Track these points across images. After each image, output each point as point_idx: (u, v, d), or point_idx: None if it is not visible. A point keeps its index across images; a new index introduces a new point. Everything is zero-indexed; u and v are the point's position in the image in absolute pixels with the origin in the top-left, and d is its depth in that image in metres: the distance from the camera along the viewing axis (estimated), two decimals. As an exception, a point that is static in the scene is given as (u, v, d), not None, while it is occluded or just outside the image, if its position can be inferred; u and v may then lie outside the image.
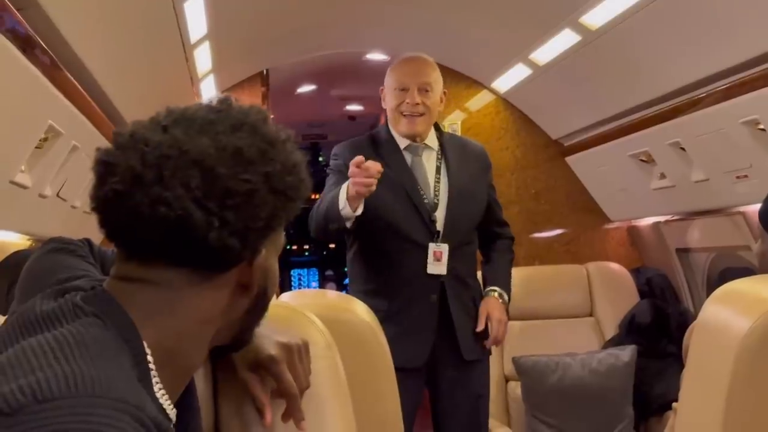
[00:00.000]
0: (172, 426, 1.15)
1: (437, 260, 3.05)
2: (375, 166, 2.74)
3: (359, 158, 2.74)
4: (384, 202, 3.01)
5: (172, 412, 1.15)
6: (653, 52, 3.63)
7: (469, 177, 3.22)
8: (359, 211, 2.82)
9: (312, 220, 3.05)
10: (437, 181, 3.17)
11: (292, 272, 9.61)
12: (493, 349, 3.51)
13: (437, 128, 3.29)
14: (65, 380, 0.95)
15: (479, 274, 3.36)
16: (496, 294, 3.16)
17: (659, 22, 3.29)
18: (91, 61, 2.88)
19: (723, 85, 3.26)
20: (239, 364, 1.43)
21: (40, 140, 2.69)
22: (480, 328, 3.07)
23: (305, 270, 10.24)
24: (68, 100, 2.75)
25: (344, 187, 2.81)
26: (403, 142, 3.17)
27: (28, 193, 2.77)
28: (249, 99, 5.24)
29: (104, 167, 1.11)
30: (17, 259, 2.25)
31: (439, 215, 3.11)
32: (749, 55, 3.00)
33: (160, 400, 1.12)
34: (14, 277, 1.61)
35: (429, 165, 3.19)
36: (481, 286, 3.30)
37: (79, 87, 2.86)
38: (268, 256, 1.21)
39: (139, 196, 1.07)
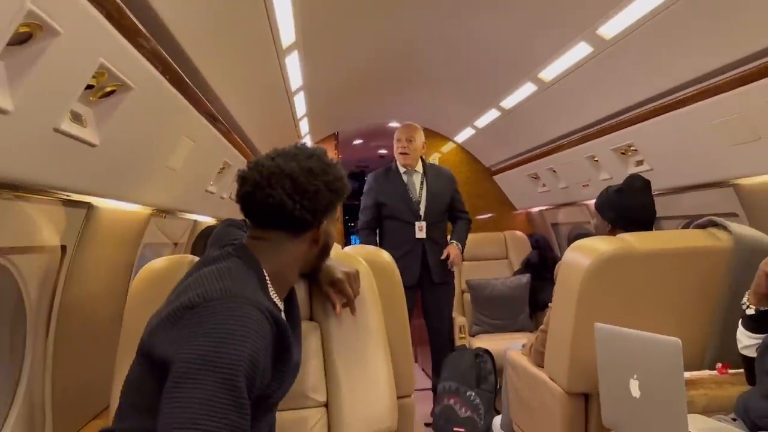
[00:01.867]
0: (281, 312, 1.33)
1: (420, 230, 3.59)
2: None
3: None
4: (393, 202, 3.62)
5: (280, 304, 1.32)
6: (543, 119, 4.00)
7: (438, 187, 3.70)
8: None
9: (360, 235, 3.70)
10: (421, 189, 3.70)
11: (351, 238, 10.23)
12: (456, 275, 4.03)
13: (423, 162, 3.75)
14: (220, 290, 1.14)
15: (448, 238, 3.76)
16: (454, 243, 3.67)
17: (548, 99, 3.61)
18: (245, 123, 3.27)
19: (577, 135, 3.65)
20: (323, 282, 1.58)
21: (220, 169, 3.10)
22: (443, 257, 3.59)
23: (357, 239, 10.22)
24: (234, 148, 3.15)
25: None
26: (402, 169, 3.72)
27: (214, 196, 3.19)
28: (328, 148, 5.29)
29: (241, 179, 1.28)
30: (209, 230, 2.17)
31: (421, 206, 3.65)
32: (597, 116, 3.35)
33: (274, 299, 1.28)
34: (207, 239, 1.79)
35: (417, 181, 3.71)
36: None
37: (239, 139, 3.24)
38: (328, 225, 1.36)
39: (259, 193, 1.25)
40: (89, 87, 1.41)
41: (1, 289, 1.71)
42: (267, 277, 1.28)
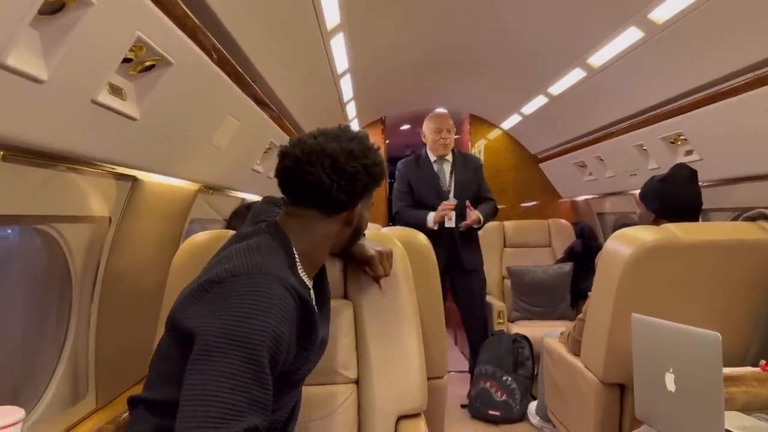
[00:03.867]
0: (310, 290, 1.33)
1: (449, 219, 3.56)
2: (449, 205, 3.42)
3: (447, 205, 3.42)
4: (424, 191, 3.60)
5: (309, 282, 1.32)
6: (591, 106, 3.91)
7: (466, 175, 3.68)
8: (436, 227, 3.48)
9: (399, 215, 3.60)
10: (451, 178, 3.68)
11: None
12: (496, 260, 4.21)
13: (453, 150, 3.74)
14: (247, 266, 1.15)
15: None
16: (477, 213, 3.55)
17: (597, 85, 3.53)
18: (291, 104, 3.30)
19: (625, 123, 3.60)
20: (356, 258, 1.61)
21: (266, 149, 3.11)
22: (473, 244, 3.63)
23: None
24: (280, 129, 3.14)
25: (431, 215, 3.48)
26: (433, 158, 3.71)
27: (261, 176, 3.22)
28: (374, 133, 5.73)
29: (282, 155, 1.28)
30: (251, 206, 2.26)
31: (451, 196, 3.63)
32: (646, 104, 3.25)
33: (302, 277, 1.28)
34: (239, 216, 2.15)
35: (447, 169, 3.71)
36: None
37: (285, 120, 3.22)
38: (363, 208, 1.35)
39: (298, 170, 1.24)
40: (127, 60, 1.39)
41: (48, 256, 1.73)
42: (296, 255, 1.27)
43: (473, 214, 3.54)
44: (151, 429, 1.16)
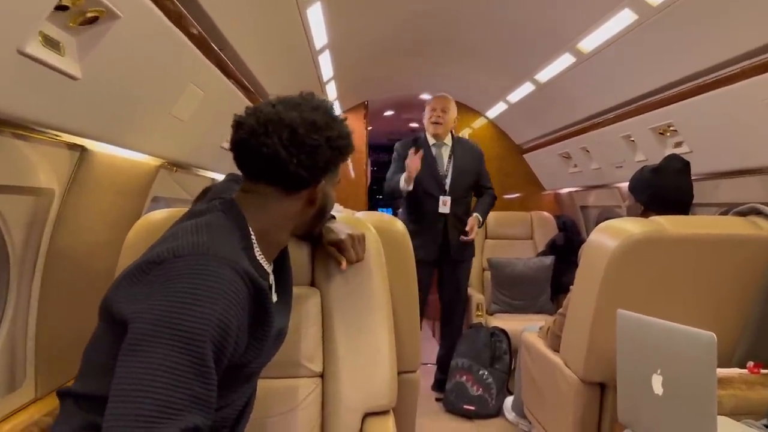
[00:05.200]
0: (269, 274, 1.26)
1: (444, 205, 3.54)
2: (419, 159, 3.32)
3: (414, 151, 3.33)
4: (421, 174, 3.46)
5: (268, 267, 1.24)
6: (579, 95, 3.84)
7: (465, 162, 3.65)
8: (410, 187, 3.38)
9: (384, 191, 3.57)
10: (449, 162, 3.63)
11: (378, 208, 10.07)
12: (477, 251, 4.02)
13: (452, 136, 3.70)
14: (192, 246, 1.06)
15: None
16: (476, 215, 3.62)
17: (586, 72, 3.44)
18: (263, 77, 3.09)
19: (613, 113, 3.55)
20: (325, 241, 1.53)
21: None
22: (466, 233, 3.56)
23: (384, 209, 10.29)
24: (251, 103, 2.83)
25: (403, 176, 3.37)
26: (431, 141, 3.65)
27: (231, 154, 3.30)
28: (356, 118, 5.68)
29: (237, 125, 1.19)
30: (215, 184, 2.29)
31: (447, 181, 3.58)
32: (636, 93, 3.17)
33: (259, 260, 1.21)
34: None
35: (445, 154, 3.65)
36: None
37: (256, 94, 3.05)
38: (327, 185, 1.27)
39: (253, 141, 1.15)
40: (64, 8, 1.23)
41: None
42: (253, 236, 1.19)
43: (472, 221, 3.59)
44: (79, 425, 1.05)
